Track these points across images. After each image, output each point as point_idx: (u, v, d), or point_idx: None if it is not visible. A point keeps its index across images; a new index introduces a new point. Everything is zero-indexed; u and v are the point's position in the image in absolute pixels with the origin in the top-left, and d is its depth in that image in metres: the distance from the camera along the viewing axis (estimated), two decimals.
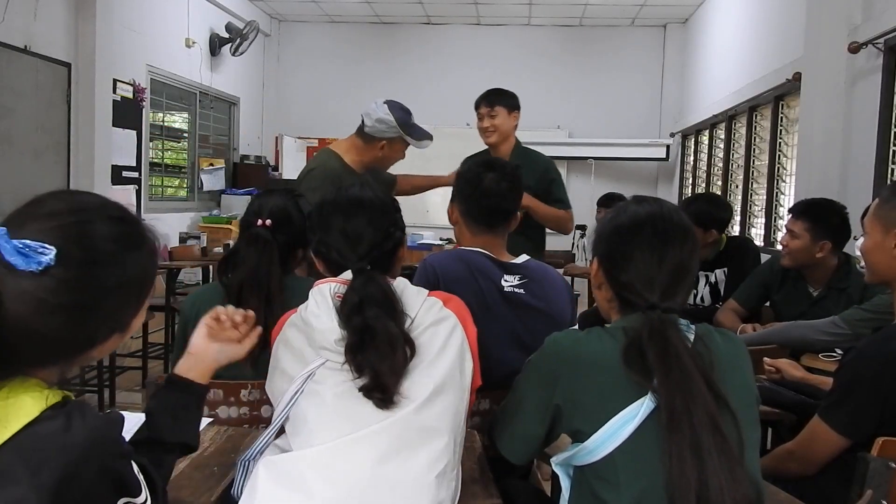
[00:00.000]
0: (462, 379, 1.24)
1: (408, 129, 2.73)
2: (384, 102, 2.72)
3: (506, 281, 1.80)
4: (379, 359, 1.15)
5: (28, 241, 0.79)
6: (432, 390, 1.17)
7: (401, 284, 1.29)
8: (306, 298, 1.29)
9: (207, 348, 1.23)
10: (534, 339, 1.71)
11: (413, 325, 1.23)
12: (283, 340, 1.28)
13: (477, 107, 3.16)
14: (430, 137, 2.78)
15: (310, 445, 1.14)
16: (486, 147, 3.20)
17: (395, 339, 1.17)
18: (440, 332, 1.25)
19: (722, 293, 3.19)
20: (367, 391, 1.14)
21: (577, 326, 1.87)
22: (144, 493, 0.94)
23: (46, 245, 0.79)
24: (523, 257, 1.89)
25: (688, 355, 1.11)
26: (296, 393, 1.19)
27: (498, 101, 3.11)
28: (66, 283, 0.81)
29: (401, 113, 2.72)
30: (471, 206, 1.86)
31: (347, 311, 1.20)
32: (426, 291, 1.31)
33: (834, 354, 2.34)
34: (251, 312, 1.28)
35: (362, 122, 2.74)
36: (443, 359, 1.22)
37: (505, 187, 1.83)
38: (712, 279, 3.24)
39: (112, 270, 0.86)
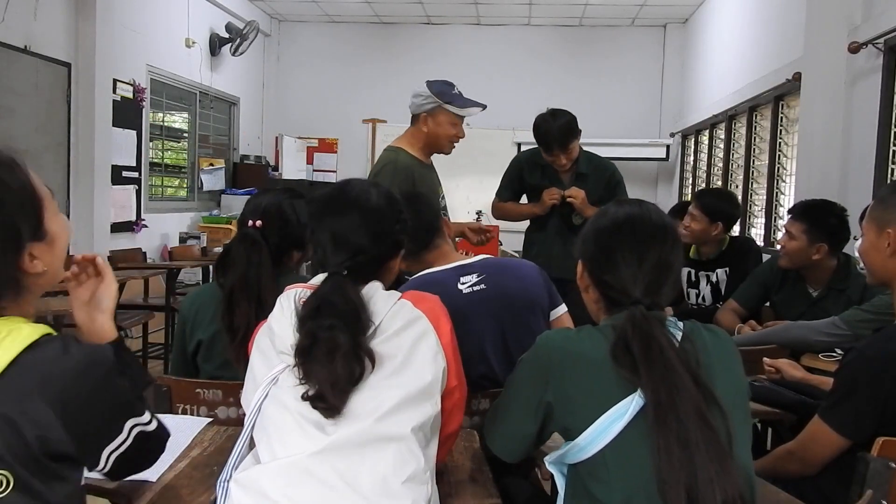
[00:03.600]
0: (433, 382, 1.21)
1: (446, 98, 2.67)
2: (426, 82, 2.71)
3: (462, 283, 1.76)
4: (319, 369, 1.13)
5: None
6: (398, 399, 1.15)
7: (371, 290, 1.26)
8: None
9: (79, 313, 1.24)
10: (514, 329, 1.73)
11: (378, 332, 1.20)
12: (257, 347, 1.27)
13: (549, 150, 3.14)
14: (478, 105, 2.71)
15: (274, 457, 1.12)
16: (536, 147, 3.22)
17: (337, 350, 1.13)
18: (407, 337, 1.21)
19: (723, 293, 3.19)
20: (311, 401, 1.12)
21: (563, 307, 1.88)
22: (150, 415, 1.09)
23: None
24: (482, 255, 1.87)
25: (672, 350, 1.13)
26: (260, 399, 1.17)
27: (571, 139, 3.11)
28: None
29: (439, 84, 2.68)
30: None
31: (303, 314, 1.19)
32: (397, 294, 1.28)
33: (834, 354, 2.34)
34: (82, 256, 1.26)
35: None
36: (411, 364, 1.19)
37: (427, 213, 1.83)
38: (714, 279, 3.24)
39: None
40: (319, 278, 1.26)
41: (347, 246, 1.28)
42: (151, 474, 1.31)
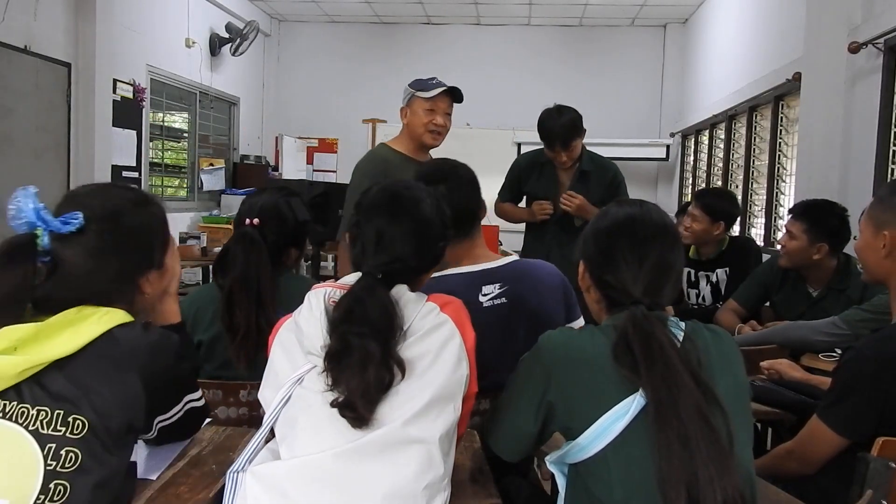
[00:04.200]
0: (457, 388, 1.20)
1: (417, 86, 2.73)
2: None
3: (484, 295, 1.72)
4: (350, 377, 1.12)
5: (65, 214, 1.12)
6: (425, 403, 1.14)
7: (399, 291, 1.24)
8: (301, 298, 1.27)
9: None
10: (526, 345, 1.69)
11: (407, 334, 1.19)
12: (279, 343, 1.26)
13: (550, 147, 3.13)
14: (441, 86, 2.71)
15: (294, 455, 1.11)
16: (541, 147, 3.22)
17: (370, 360, 1.12)
18: (435, 341, 1.20)
19: (723, 293, 3.19)
20: (340, 408, 1.11)
21: (581, 320, 1.84)
22: (201, 392, 1.30)
23: (76, 213, 1.12)
24: (509, 258, 1.82)
25: (673, 350, 1.13)
26: (283, 398, 1.17)
27: (574, 137, 3.10)
28: (95, 234, 1.13)
29: (419, 78, 2.77)
30: None
31: (335, 317, 1.17)
32: (424, 297, 1.27)
33: (834, 354, 2.35)
34: None
35: None
36: (436, 369, 1.18)
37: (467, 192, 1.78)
38: (714, 279, 3.24)
39: (125, 221, 1.18)
40: (352, 278, 1.25)
41: (390, 250, 1.26)
42: (151, 473, 1.32)
